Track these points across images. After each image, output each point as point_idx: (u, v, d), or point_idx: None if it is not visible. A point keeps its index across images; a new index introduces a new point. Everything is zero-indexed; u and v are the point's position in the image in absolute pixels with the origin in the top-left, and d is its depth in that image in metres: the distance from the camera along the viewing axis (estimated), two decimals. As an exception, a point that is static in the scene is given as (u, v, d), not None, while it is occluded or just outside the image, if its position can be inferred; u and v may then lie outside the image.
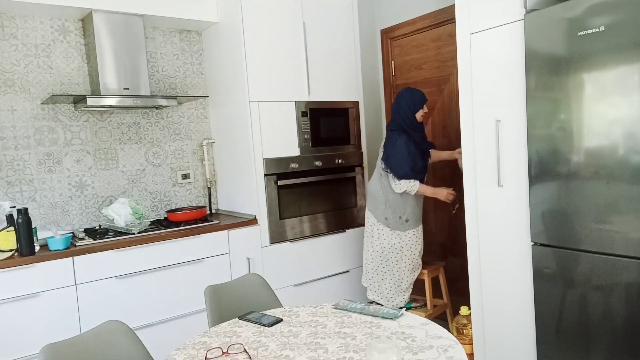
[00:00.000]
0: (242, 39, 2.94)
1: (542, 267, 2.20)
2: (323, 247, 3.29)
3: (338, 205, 3.38)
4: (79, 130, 2.94)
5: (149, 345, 2.61)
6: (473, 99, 2.47)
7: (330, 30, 3.32)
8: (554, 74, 2.06)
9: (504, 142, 2.35)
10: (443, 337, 1.50)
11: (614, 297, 1.95)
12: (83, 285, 2.45)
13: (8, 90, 2.72)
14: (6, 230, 2.32)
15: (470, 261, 2.57)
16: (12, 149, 2.74)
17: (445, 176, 3.51)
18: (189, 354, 1.52)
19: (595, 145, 1.95)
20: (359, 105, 3.48)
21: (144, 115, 3.17)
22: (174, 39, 3.28)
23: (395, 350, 1.23)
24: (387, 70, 3.88)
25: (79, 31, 2.93)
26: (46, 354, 1.48)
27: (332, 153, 3.33)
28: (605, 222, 1.95)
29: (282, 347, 1.52)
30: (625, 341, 1.93)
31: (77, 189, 2.94)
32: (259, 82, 3.00)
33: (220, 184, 3.41)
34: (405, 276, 2.98)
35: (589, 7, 1.91)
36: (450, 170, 3.45)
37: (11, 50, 2.73)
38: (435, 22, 3.43)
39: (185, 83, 3.34)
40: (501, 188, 2.39)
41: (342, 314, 1.78)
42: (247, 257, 2.97)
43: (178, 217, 2.91)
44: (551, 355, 2.20)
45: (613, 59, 1.86)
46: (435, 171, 3.58)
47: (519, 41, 2.22)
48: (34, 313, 2.33)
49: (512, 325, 2.40)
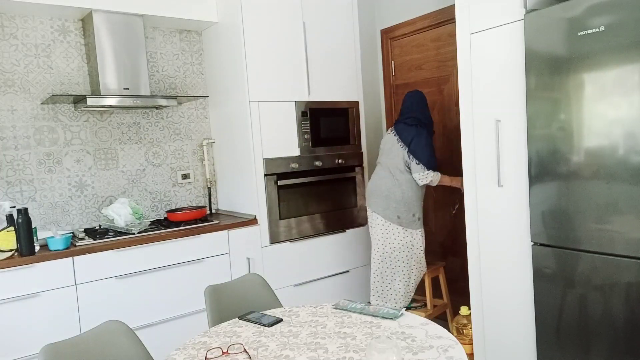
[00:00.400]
0: (242, 39, 2.94)
1: (542, 267, 2.20)
2: (323, 247, 3.29)
3: (338, 205, 3.38)
4: (79, 130, 2.94)
5: (149, 345, 2.61)
6: (473, 99, 2.47)
7: (330, 30, 3.32)
8: (554, 74, 2.06)
9: (504, 142, 2.35)
10: (443, 337, 1.50)
11: (614, 297, 1.95)
12: (83, 285, 2.45)
13: (8, 90, 2.72)
14: (6, 230, 2.32)
15: (470, 261, 2.57)
16: (12, 149, 2.74)
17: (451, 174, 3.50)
18: (189, 354, 1.52)
19: (595, 145, 1.95)
20: (359, 105, 3.49)
21: (144, 115, 3.17)
22: (174, 39, 3.28)
23: (395, 350, 1.23)
24: (387, 70, 3.88)
25: (79, 31, 2.93)
26: (46, 354, 1.48)
27: (332, 153, 3.33)
28: (605, 222, 1.95)
29: (282, 347, 1.52)
30: (625, 341, 1.93)
31: (77, 189, 2.94)
32: (259, 82, 3.00)
33: (220, 184, 3.41)
34: (413, 275, 3.00)
35: (589, 7, 1.91)
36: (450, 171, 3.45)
37: (11, 50, 2.73)
38: (435, 22, 3.43)
39: (185, 83, 3.34)
40: (501, 188, 2.39)
41: (342, 314, 1.78)
42: (247, 257, 2.97)
43: (178, 217, 2.91)
44: (551, 355, 2.20)
45: (613, 59, 1.86)
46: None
47: (519, 41, 2.22)
48: (34, 313, 2.33)
49: (512, 325, 2.40)
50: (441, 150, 3.52)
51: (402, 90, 3.77)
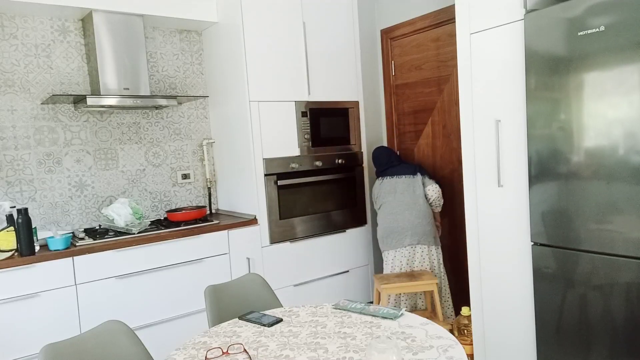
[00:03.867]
0: (242, 39, 2.94)
1: (542, 267, 2.20)
2: (323, 247, 3.29)
3: (338, 205, 3.38)
4: (79, 130, 2.94)
5: (149, 345, 2.61)
6: (473, 99, 2.47)
7: (330, 30, 3.32)
8: (554, 74, 2.06)
9: (504, 142, 2.35)
10: (443, 337, 1.50)
11: (614, 297, 1.95)
12: (83, 285, 2.45)
13: (8, 90, 2.72)
14: (6, 230, 2.32)
15: (470, 261, 2.57)
16: (12, 149, 2.74)
17: (445, 176, 3.51)
18: (189, 354, 1.52)
19: (595, 145, 1.95)
20: (359, 105, 3.49)
21: (144, 115, 3.17)
22: (174, 39, 3.28)
23: (395, 350, 1.23)
24: (387, 70, 3.88)
25: (79, 31, 2.93)
26: (46, 354, 1.48)
27: (332, 153, 3.33)
28: (605, 222, 1.95)
29: (282, 347, 1.52)
30: (625, 341, 1.93)
31: (77, 189, 2.94)
32: (259, 82, 3.00)
33: (220, 184, 3.41)
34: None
35: (589, 7, 1.91)
36: (449, 171, 3.45)
37: (11, 50, 2.73)
38: (435, 22, 3.43)
39: (185, 83, 3.34)
40: (501, 188, 2.39)
41: (342, 314, 1.78)
42: (247, 257, 2.97)
43: (178, 217, 2.91)
44: (551, 355, 2.20)
45: (613, 59, 1.86)
46: (435, 170, 3.58)
47: (519, 41, 2.22)
48: (34, 313, 2.33)
49: (512, 325, 2.40)
50: (441, 151, 3.53)
51: (402, 90, 3.77)
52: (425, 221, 3.13)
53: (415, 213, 3.13)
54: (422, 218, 3.13)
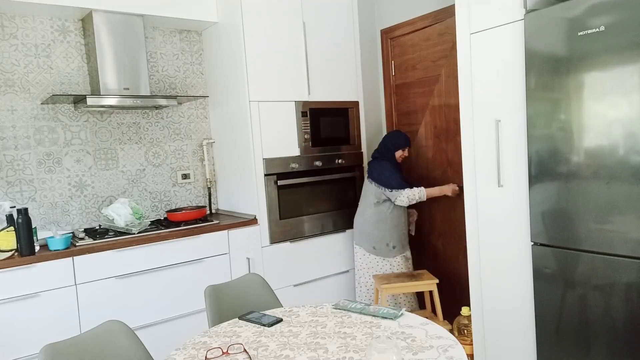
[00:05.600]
0: (242, 39, 2.94)
1: (542, 267, 2.20)
2: (323, 247, 3.29)
3: (338, 205, 3.38)
4: (79, 130, 2.94)
5: (149, 345, 2.61)
6: (473, 99, 2.47)
7: (330, 30, 3.32)
8: (554, 74, 2.06)
9: (504, 142, 2.35)
10: (443, 337, 1.50)
11: (614, 297, 1.95)
12: (83, 285, 2.45)
13: (8, 90, 2.72)
14: (6, 230, 2.32)
15: (470, 261, 2.57)
16: (12, 149, 2.74)
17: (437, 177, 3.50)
18: (189, 354, 1.52)
19: (595, 145, 1.95)
20: (359, 105, 3.48)
21: (144, 115, 3.17)
22: (174, 39, 3.28)
23: (395, 350, 1.23)
24: (387, 70, 3.87)
25: (79, 31, 2.93)
26: (46, 354, 1.48)
27: (332, 153, 3.33)
28: (605, 222, 1.95)
29: (282, 347, 1.52)
30: (625, 341, 1.93)
31: (77, 189, 2.93)
32: (259, 82, 3.00)
33: (220, 184, 3.41)
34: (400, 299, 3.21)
35: (589, 7, 1.91)
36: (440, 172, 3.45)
37: (11, 50, 2.73)
38: (435, 22, 3.43)
39: (185, 83, 3.34)
40: (501, 188, 2.39)
41: (342, 314, 1.78)
42: (247, 257, 2.97)
43: (178, 217, 2.91)
44: (551, 355, 2.20)
45: (613, 59, 1.86)
46: (428, 172, 3.58)
47: (519, 41, 2.22)
48: (34, 313, 2.33)
49: (512, 325, 2.40)
50: (432, 151, 3.52)
51: (402, 90, 3.77)
52: (369, 225, 3.15)
53: (361, 213, 3.21)
54: (366, 221, 3.17)
